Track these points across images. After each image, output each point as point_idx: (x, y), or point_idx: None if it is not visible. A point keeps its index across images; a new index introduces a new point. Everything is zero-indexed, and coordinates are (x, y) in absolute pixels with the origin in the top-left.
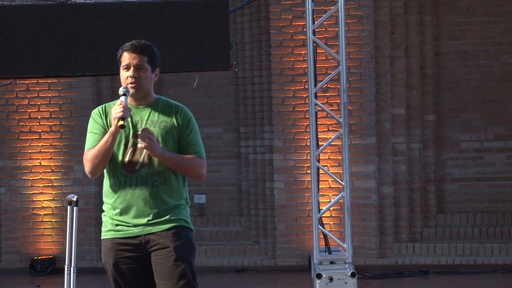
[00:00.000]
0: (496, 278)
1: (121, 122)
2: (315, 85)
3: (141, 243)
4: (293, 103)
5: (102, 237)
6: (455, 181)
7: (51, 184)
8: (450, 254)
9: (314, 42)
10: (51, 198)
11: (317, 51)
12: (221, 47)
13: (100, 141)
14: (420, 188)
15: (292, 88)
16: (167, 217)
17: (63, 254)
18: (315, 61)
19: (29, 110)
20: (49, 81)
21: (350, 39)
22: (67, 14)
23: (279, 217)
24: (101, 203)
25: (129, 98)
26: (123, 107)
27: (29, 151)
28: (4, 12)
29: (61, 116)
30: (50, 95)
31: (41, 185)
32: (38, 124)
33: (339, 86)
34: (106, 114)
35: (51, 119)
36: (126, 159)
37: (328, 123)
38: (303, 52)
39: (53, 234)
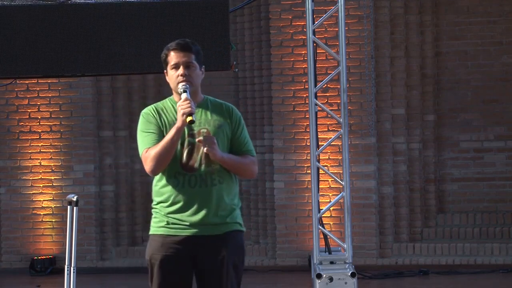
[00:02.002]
0: (496, 278)
1: (189, 118)
2: (315, 85)
3: (195, 243)
4: (293, 103)
5: (151, 232)
6: (455, 181)
7: (51, 184)
8: (450, 254)
9: (314, 42)
10: (51, 198)
11: (317, 51)
12: (221, 47)
13: (158, 140)
14: (420, 188)
15: (292, 88)
16: (224, 220)
17: (63, 254)
18: (315, 61)
19: (29, 110)
20: (49, 81)
21: (350, 39)
22: (67, 14)
23: (279, 217)
24: (102, 203)
25: (176, 96)
26: (190, 102)
27: (29, 151)
28: (4, 12)
29: (61, 116)
30: (50, 95)
31: (41, 185)
32: (38, 124)
33: (339, 86)
34: (159, 113)
35: (51, 119)
36: (184, 158)
37: (328, 123)
38: (303, 52)
39: (53, 234)
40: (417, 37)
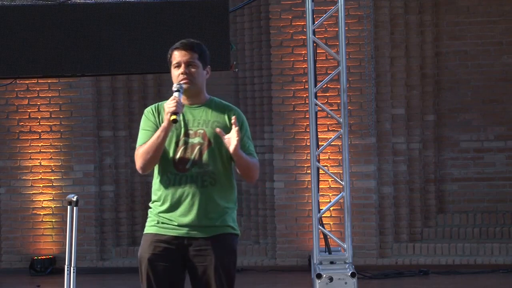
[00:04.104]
0: (496, 278)
1: (173, 117)
2: (315, 85)
3: (183, 244)
4: (293, 103)
5: (144, 232)
6: (455, 181)
7: (51, 184)
8: (450, 254)
9: (314, 42)
10: (51, 198)
11: (317, 51)
12: (221, 47)
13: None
14: (420, 188)
15: (292, 88)
16: (214, 223)
17: (63, 254)
18: (315, 61)
19: (29, 110)
20: (49, 81)
21: (350, 39)
22: (67, 14)
23: (279, 217)
24: (101, 203)
25: (182, 97)
26: (177, 102)
27: (29, 151)
28: (4, 12)
29: (61, 116)
30: (50, 95)
31: (41, 185)
32: (38, 124)
33: (339, 86)
34: (158, 112)
35: (51, 119)
36: (177, 157)
37: (328, 123)
38: (303, 52)
39: (53, 234)
40: (417, 37)
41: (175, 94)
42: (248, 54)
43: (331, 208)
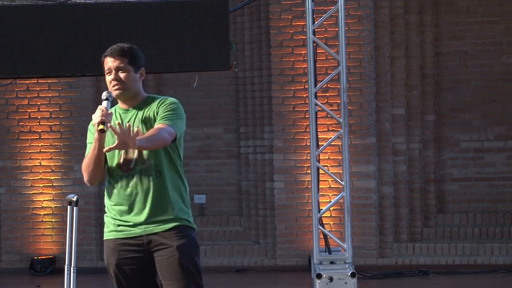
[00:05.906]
0: (496, 278)
1: (101, 127)
2: (315, 85)
3: (143, 243)
4: (293, 103)
5: (104, 238)
6: (455, 181)
7: (51, 184)
8: (450, 254)
9: (314, 42)
10: (51, 198)
11: (317, 51)
12: (221, 47)
13: None
14: (420, 188)
15: (292, 88)
16: (169, 216)
17: (63, 254)
18: (315, 61)
19: (29, 110)
20: (49, 81)
21: (350, 39)
22: (67, 14)
23: (279, 217)
24: (101, 203)
25: (119, 101)
26: (102, 111)
27: (29, 151)
28: (4, 12)
29: (61, 116)
30: (50, 95)
31: (41, 185)
32: (38, 124)
33: (339, 86)
34: None
35: (51, 119)
36: (121, 160)
37: (328, 123)
38: (303, 52)
39: (53, 234)
40: (417, 37)
41: (103, 103)
42: (248, 54)
43: (331, 208)
